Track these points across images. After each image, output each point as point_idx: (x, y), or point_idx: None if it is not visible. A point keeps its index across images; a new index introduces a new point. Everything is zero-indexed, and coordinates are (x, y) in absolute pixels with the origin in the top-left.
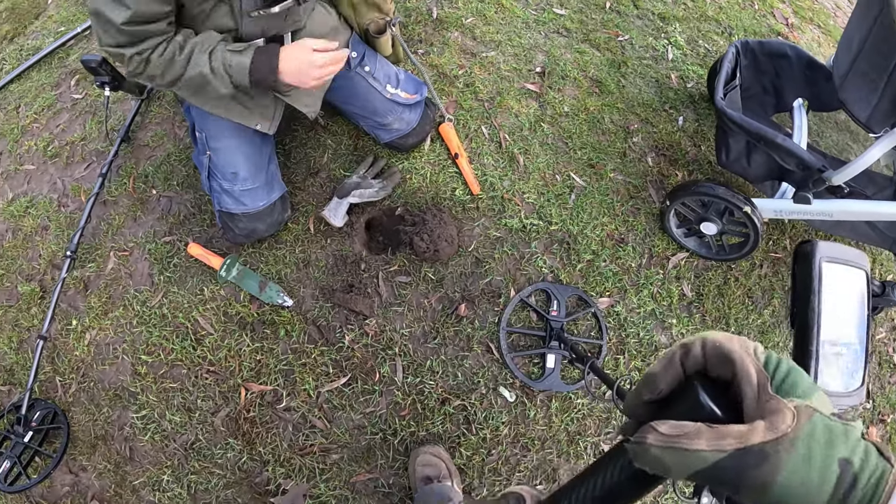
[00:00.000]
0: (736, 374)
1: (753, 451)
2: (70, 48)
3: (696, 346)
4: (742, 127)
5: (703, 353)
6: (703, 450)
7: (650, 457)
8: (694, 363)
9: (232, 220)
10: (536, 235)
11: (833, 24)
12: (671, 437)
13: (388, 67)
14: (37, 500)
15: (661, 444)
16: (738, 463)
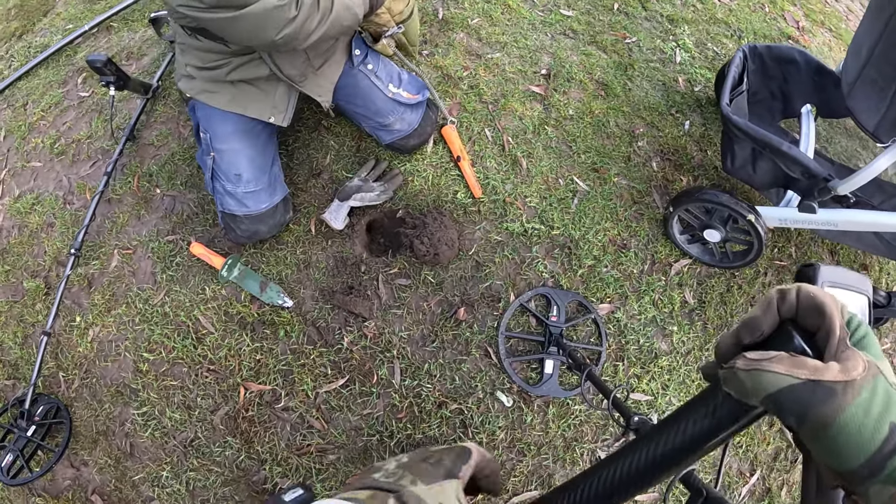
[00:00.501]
0: (824, 324)
1: (824, 385)
2: (78, 46)
3: (792, 294)
4: (747, 134)
5: (797, 301)
6: (780, 373)
7: (737, 380)
8: (788, 309)
9: (234, 221)
10: (538, 240)
11: (845, 27)
12: (755, 361)
13: (390, 67)
14: (39, 492)
15: (746, 367)
16: (808, 394)
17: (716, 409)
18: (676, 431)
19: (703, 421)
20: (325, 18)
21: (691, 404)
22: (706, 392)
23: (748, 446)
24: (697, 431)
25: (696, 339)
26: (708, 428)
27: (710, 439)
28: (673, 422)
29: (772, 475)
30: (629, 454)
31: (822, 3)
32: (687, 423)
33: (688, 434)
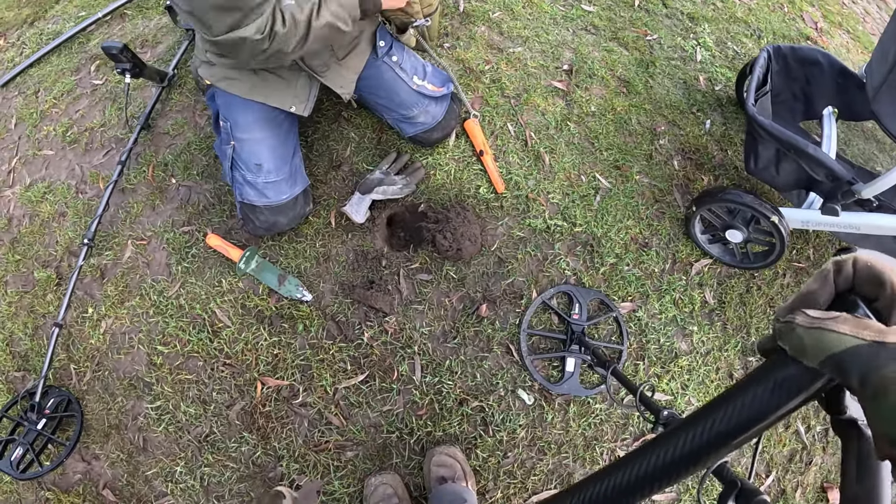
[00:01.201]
0: (884, 292)
1: (888, 347)
2: (90, 33)
3: (848, 265)
4: (773, 135)
5: (853, 272)
6: (844, 333)
7: (794, 336)
8: (845, 281)
9: (253, 212)
10: (560, 237)
11: (862, 29)
12: (818, 319)
13: (415, 59)
14: (49, 487)
15: (807, 324)
16: (871, 356)
17: (778, 382)
18: (736, 407)
19: (765, 395)
20: (303, 42)
21: (751, 379)
22: (764, 366)
23: (764, 447)
24: (759, 406)
25: (715, 340)
26: (769, 402)
27: (771, 414)
28: (730, 398)
29: (787, 476)
30: (681, 434)
31: (839, 5)
32: (747, 397)
33: (750, 408)
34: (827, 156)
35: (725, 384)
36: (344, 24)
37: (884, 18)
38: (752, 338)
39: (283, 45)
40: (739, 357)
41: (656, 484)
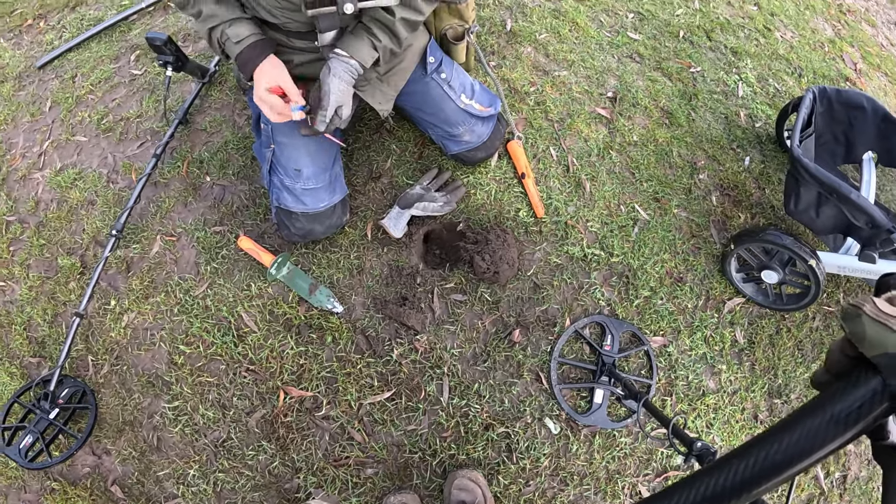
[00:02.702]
0: None
1: None
2: (132, 23)
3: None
4: (816, 178)
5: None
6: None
7: (858, 322)
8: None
9: (289, 218)
10: (597, 266)
11: None
12: (884, 314)
13: (464, 77)
14: (55, 477)
15: (873, 314)
16: None
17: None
18: (793, 437)
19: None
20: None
21: (805, 410)
22: (821, 398)
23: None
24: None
25: (742, 380)
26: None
27: (825, 446)
28: (786, 427)
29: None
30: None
31: (878, 47)
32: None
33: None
34: (869, 203)
35: (750, 425)
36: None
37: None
38: (779, 379)
39: None
40: (765, 399)
41: None
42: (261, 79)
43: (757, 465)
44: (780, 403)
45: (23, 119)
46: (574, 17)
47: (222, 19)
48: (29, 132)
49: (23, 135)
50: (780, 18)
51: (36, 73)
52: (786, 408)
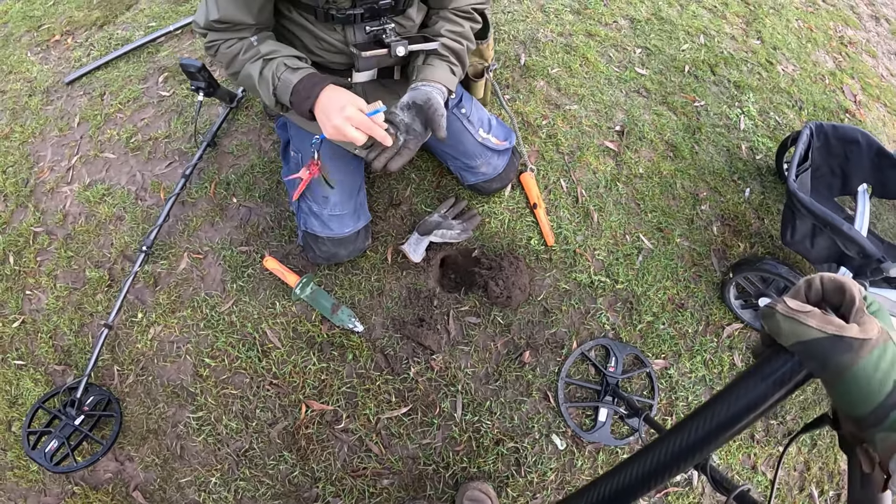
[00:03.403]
0: (846, 298)
1: (845, 340)
2: (160, 45)
3: (817, 281)
4: (811, 211)
5: (821, 285)
6: (811, 325)
7: (774, 319)
8: (815, 293)
9: (315, 241)
10: (602, 292)
11: None
12: (794, 311)
13: (482, 112)
14: (77, 481)
15: (784, 312)
16: (831, 345)
17: (766, 374)
18: (732, 398)
19: (757, 386)
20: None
21: (744, 374)
22: (756, 364)
23: None
24: (752, 396)
25: None
26: (762, 392)
27: (763, 403)
28: (727, 391)
29: None
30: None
31: (878, 78)
32: (742, 389)
33: (745, 398)
34: (860, 234)
35: (747, 444)
36: (265, 98)
37: None
38: None
39: (219, 62)
40: (762, 420)
41: (662, 476)
42: (340, 100)
43: (706, 425)
44: (776, 424)
45: (51, 133)
46: (585, 52)
47: (284, 53)
48: (57, 146)
49: (51, 148)
50: (782, 52)
51: (64, 88)
52: (781, 428)
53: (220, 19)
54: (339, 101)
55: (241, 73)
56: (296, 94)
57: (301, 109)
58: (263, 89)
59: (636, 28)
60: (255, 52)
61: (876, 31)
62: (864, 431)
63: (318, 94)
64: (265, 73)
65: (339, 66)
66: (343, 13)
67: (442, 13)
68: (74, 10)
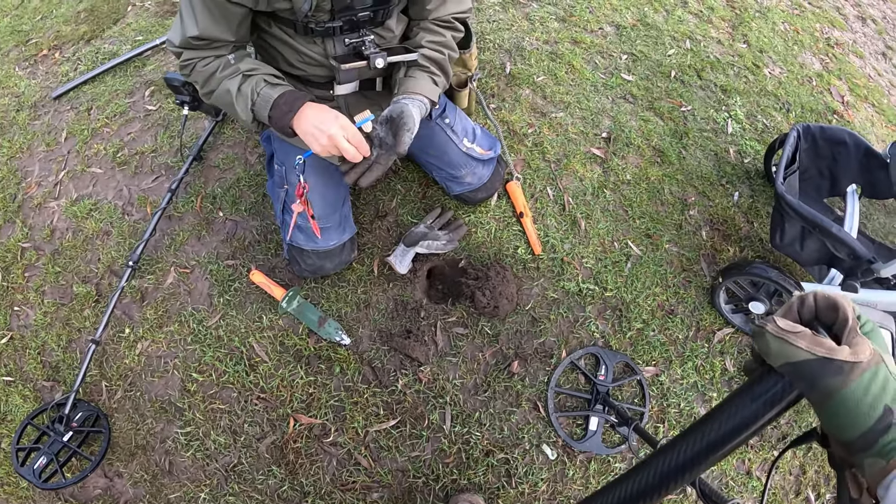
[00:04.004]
0: (839, 316)
1: (835, 363)
2: (146, 59)
3: (810, 298)
4: (800, 214)
5: (815, 303)
6: (801, 347)
7: (763, 340)
8: (808, 311)
9: (301, 255)
10: (591, 300)
11: (887, 103)
12: (784, 331)
13: (466, 122)
14: (66, 498)
15: (775, 333)
16: (820, 367)
17: (757, 395)
18: (723, 418)
19: (748, 405)
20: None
21: (735, 394)
22: (747, 383)
23: None
24: (743, 415)
25: None
26: (752, 412)
27: (754, 424)
28: (718, 411)
29: None
30: (679, 444)
31: (865, 78)
32: (733, 409)
33: (735, 418)
34: (849, 236)
35: (740, 450)
36: (241, 113)
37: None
38: None
39: (194, 80)
40: None
41: (651, 497)
42: (330, 111)
43: (697, 445)
44: (771, 429)
45: (38, 148)
46: (570, 60)
47: (263, 70)
48: (44, 161)
49: (38, 164)
50: (768, 55)
51: (51, 103)
52: (776, 433)
53: (200, 36)
54: (330, 112)
55: (218, 90)
56: (276, 109)
57: (281, 124)
58: (241, 104)
59: (622, 34)
60: (234, 69)
61: (863, 32)
62: (852, 456)
63: (299, 108)
64: (244, 89)
65: (320, 79)
66: (322, 26)
67: (423, 24)
68: (62, 25)
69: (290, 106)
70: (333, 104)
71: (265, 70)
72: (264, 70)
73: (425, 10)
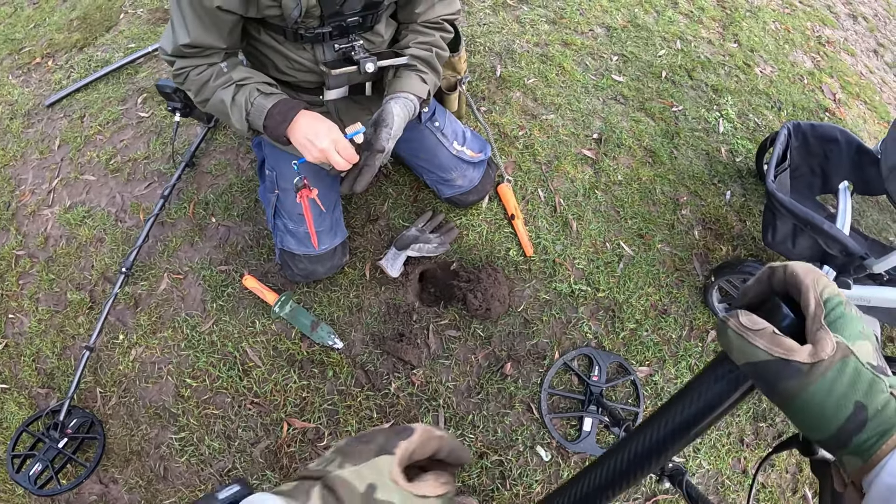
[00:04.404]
0: (801, 299)
1: (793, 364)
2: (139, 66)
3: (780, 271)
4: (791, 211)
5: (784, 276)
6: (759, 347)
7: (726, 335)
8: (778, 282)
9: (293, 259)
10: (584, 301)
11: (879, 100)
12: (744, 328)
13: (456, 125)
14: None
15: (736, 329)
16: (778, 369)
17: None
18: (689, 402)
19: (711, 388)
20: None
21: (698, 377)
22: (710, 364)
23: None
24: (708, 399)
25: None
26: (718, 394)
27: (719, 406)
28: (682, 395)
29: None
30: (646, 429)
31: (857, 76)
32: (696, 392)
33: (700, 402)
34: (841, 232)
35: (736, 448)
36: (235, 123)
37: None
38: (763, 404)
39: (187, 88)
40: (750, 423)
41: (627, 479)
42: (324, 123)
43: (666, 428)
44: (766, 427)
45: (32, 156)
46: (561, 62)
47: (256, 79)
48: (38, 169)
49: (32, 171)
50: (759, 54)
51: (45, 111)
52: (771, 431)
53: (191, 44)
54: (324, 124)
55: (212, 100)
56: (270, 119)
57: (276, 134)
58: (235, 114)
59: (612, 36)
60: (227, 79)
61: (854, 30)
62: (832, 452)
63: (293, 117)
64: (238, 99)
65: (310, 84)
66: (312, 32)
67: (412, 27)
68: (55, 33)
69: (284, 116)
70: (323, 109)
71: (258, 78)
72: (257, 78)
73: (414, 14)
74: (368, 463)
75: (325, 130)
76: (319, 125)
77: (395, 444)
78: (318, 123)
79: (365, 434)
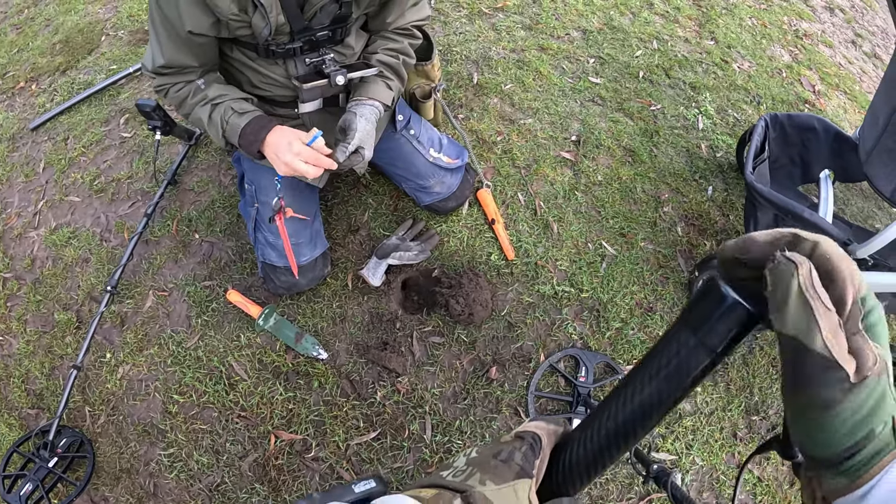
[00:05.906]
0: (835, 291)
1: (841, 373)
2: (121, 87)
3: (807, 245)
4: (770, 201)
5: (811, 255)
6: (820, 332)
7: (784, 286)
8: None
9: (274, 272)
10: (568, 302)
11: (859, 89)
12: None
13: (431, 132)
14: None
15: (805, 287)
16: (825, 369)
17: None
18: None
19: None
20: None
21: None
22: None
23: None
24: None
25: (718, 400)
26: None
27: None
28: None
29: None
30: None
31: (836, 66)
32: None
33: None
34: (822, 219)
35: (730, 443)
36: (214, 139)
37: (880, 77)
38: (755, 397)
39: (169, 104)
40: (743, 416)
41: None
42: (286, 138)
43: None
44: (759, 420)
45: (17, 179)
46: (538, 66)
47: (231, 97)
48: (24, 192)
49: (18, 195)
50: (737, 50)
51: (29, 134)
52: (764, 424)
53: (167, 64)
54: (286, 139)
55: (192, 116)
56: (244, 138)
57: (250, 151)
58: (213, 132)
59: (588, 39)
60: (203, 97)
61: (831, 22)
62: (813, 467)
63: (264, 137)
64: (214, 117)
65: (284, 98)
66: (283, 48)
67: (382, 33)
68: (38, 57)
69: (256, 135)
70: (299, 122)
71: (233, 95)
72: (232, 95)
73: (385, 23)
74: (510, 485)
75: (286, 144)
76: (281, 140)
77: (532, 466)
78: (281, 139)
79: (500, 448)
